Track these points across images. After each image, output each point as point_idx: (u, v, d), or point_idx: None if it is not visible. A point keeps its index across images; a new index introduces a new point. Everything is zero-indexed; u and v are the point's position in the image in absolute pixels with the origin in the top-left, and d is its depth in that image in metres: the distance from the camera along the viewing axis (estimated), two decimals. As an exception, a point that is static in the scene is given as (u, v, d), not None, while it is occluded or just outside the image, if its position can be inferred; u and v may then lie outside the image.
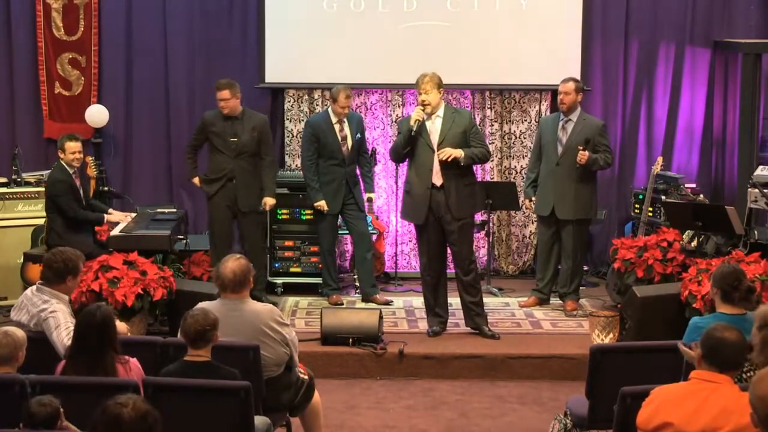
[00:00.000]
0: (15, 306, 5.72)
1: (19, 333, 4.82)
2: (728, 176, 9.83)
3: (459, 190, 7.65)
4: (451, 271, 8.07)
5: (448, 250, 7.95)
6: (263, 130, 8.54)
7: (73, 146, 8.02)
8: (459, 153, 7.55)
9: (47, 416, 4.13)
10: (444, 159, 7.55)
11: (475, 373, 7.49)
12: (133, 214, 8.45)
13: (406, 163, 9.74)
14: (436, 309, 7.91)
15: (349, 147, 8.68)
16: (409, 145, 7.65)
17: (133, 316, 7.39)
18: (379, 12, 9.55)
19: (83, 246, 7.69)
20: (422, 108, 7.60)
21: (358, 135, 8.74)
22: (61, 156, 8.02)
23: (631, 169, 9.86)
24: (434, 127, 7.68)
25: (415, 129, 7.58)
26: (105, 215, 8.22)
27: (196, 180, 8.64)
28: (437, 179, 7.65)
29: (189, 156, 8.71)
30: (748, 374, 4.45)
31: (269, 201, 8.54)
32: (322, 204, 8.59)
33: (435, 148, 7.62)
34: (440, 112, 7.70)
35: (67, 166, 8.01)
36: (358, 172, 8.84)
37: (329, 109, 8.73)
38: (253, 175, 8.48)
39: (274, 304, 7.26)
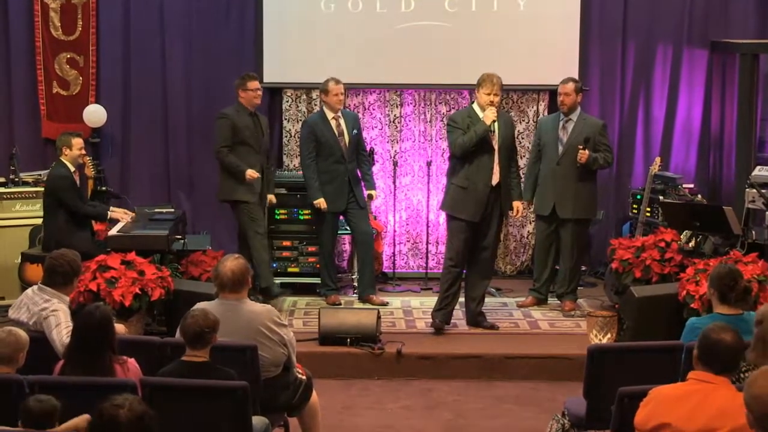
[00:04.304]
0: (14, 305, 5.71)
1: (23, 334, 4.80)
2: (726, 176, 9.83)
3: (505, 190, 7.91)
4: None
5: None
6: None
7: (80, 142, 8.05)
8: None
9: (43, 412, 4.14)
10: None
11: (473, 374, 7.49)
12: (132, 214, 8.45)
13: (404, 162, 9.78)
14: (450, 300, 7.96)
15: (347, 142, 8.66)
16: (478, 143, 7.77)
17: (131, 316, 7.38)
18: (376, 12, 9.54)
19: (84, 243, 7.69)
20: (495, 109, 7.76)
21: (355, 131, 8.73)
22: (66, 152, 7.95)
23: (629, 170, 9.86)
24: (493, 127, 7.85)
25: (492, 129, 7.76)
26: (108, 211, 8.18)
27: (321, 201, 8.52)
28: (495, 179, 7.82)
29: (236, 163, 8.40)
30: (746, 374, 4.45)
31: (273, 199, 8.79)
32: (321, 202, 8.56)
33: (496, 147, 7.81)
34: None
35: (69, 164, 7.97)
36: (358, 172, 8.83)
37: (323, 108, 8.73)
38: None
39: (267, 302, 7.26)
